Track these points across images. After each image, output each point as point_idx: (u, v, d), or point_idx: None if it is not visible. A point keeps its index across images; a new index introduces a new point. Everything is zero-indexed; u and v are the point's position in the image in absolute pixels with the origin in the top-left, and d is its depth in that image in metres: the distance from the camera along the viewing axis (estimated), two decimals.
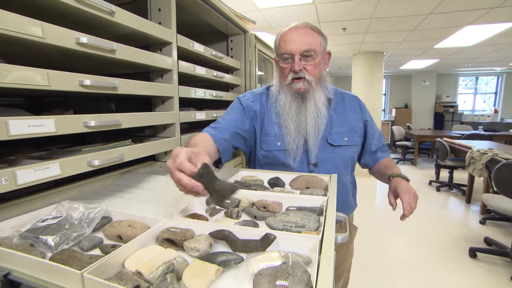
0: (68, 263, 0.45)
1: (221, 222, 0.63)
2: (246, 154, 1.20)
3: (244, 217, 0.69)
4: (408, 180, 1.02)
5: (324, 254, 0.47)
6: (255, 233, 0.54)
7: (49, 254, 0.50)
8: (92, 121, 0.74)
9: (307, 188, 0.89)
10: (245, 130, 1.07)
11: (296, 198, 0.75)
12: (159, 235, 0.55)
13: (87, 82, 0.73)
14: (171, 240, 0.53)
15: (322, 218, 0.66)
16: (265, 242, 0.51)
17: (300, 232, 0.56)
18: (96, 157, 0.77)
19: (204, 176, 0.50)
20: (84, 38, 0.71)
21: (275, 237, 0.51)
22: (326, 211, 0.66)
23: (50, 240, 0.51)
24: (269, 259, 0.47)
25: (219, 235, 0.54)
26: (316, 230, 0.59)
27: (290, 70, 0.99)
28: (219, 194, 0.52)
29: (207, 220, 0.65)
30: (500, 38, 4.34)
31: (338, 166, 1.08)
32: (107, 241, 0.58)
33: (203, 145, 0.86)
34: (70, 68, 0.76)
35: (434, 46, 4.95)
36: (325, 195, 0.81)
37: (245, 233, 0.55)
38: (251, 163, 1.19)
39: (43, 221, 0.58)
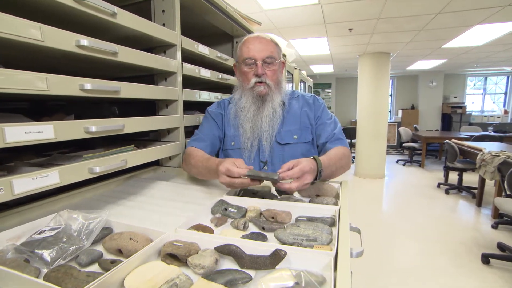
0: (63, 282, 0.41)
1: (227, 234, 0.59)
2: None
3: (252, 227, 0.66)
4: (318, 167, 0.86)
5: (340, 273, 0.43)
6: (264, 248, 0.51)
7: (45, 270, 0.47)
8: (93, 127, 0.71)
9: (317, 195, 0.85)
10: (218, 134, 1.20)
11: (306, 207, 0.71)
12: (162, 249, 0.51)
13: (88, 86, 0.70)
14: (175, 255, 0.50)
15: (334, 230, 0.62)
16: (275, 258, 0.47)
17: (312, 247, 0.52)
18: (97, 164, 0.74)
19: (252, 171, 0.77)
20: (85, 40, 0.68)
21: (285, 254, 0.48)
22: (339, 222, 0.62)
23: (46, 254, 0.48)
24: (280, 278, 0.43)
25: (225, 250, 0.50)
26: (329, 244, 0.55)
27: (253, 74, 1.08)
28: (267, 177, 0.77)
29: (212, 231, 0.61)
30: (511, 38, 4.23)
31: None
32: (106, 255, 0.55)
33: (210, 156, 1.06)
34: (72, 72, 0.73)
35: (442, 46, 4.85)
36: (336, 203, 0.77)
37: (253, 247, 0.51)
38: None
39: (40, 232, 0.55)
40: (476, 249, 2.72)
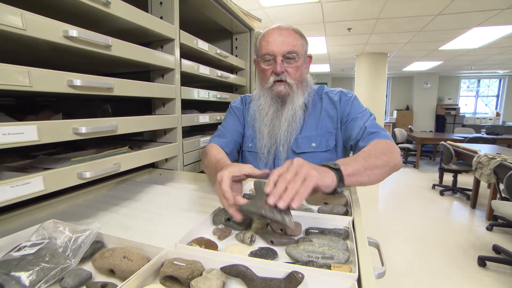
0: None
1: (233, 250, 0.53)
2: None
3: (259, 241, 0.60)
4: (335, 170, 0.64)
5: None
6: (277, 269, 0.45)
7: None
8: (83, 128, 0.64)
9: (325, 203, 0.79)
10: (240, 130, 1.13)
11: (316, 218, 0.65)
12: (161, 270, 0.45)
13: (77, 82, 0.63)
14: (175, 278, 0.43)
15: (349, 242, 0.57)
16: (291, 283, 0.42)
17: (329, 266, 0.47)
18: (87, 168, 0.67)
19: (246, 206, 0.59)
20: (74, 31, 0.61)
21: (303, 277, 0.42)
22: (355, 236, 0.56)
23: (25, 277, 0.42)
24: None
25: (233, 271, 0.44)
26: (346, 262, 0.50)
27: (272, 72, 0.96)
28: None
29: (216, 246, 0.55)
30: (507, 41, 4.26)
31: None
32: (96, 276, 0.48)
33: (223, 156, 0.94)
34: (61, 67, 0.66)
35: (439, 48, 4.87)
36: (346, 212, 0.71)
37: (264, 268, 0.45)
38: None
39: (19, 249, 0.48)
40: (472, 251, 2.73)
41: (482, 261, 2.48)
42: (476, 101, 8.97)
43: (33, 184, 0.56)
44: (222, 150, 1.02)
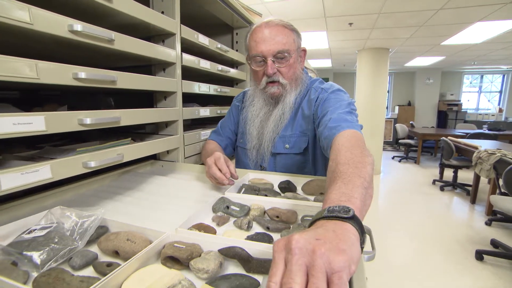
0: None
1: (231, 234, 0.56)
2: None
3: (256, 227, 0.63)
4: (347, 218, 0.38)
5: (356, 279, 0.41)
6: (271, 252, 0.47)
7: (34, 274, 0.43)
8: (87, 119, 0.67)
9: (321, 193, 0.82)
10: (233, 129, 1.18)
11: (312, 206, 0.68)
12: (162, 251, 0.48)
13: (82, 74, 0.65)
14: (176, 258, 0.46)
15: None
16: None
17: None
18: (92, 158, 0.70)
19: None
20: (78, 25, 0.63)
21: None
22: None
23: (36, 256, 0.45)
24: None
25: (230, 253, 0.47)
26: None
27: (263, 73, 0.92)
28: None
29: (214, 231, 0.58)
30: (510, 35, 4.23)
31: None
32: (102, 257, 0.51)
33: (218, 150, 1.05)
34: (65, 61, 0.68)
35: (442, 43, 4.83)
36: None
37: (259, 250, 0.48)
38: None
39: (30, 232, 0.51)
40: (470, 246, 2.75)
41: (479, 255, 2.51)
42: (479, 97, 8.91)
43: (41, 172, 0.58)
44: (218, 145, 1.13)
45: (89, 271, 0.46)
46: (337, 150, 0.62)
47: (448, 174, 4.81)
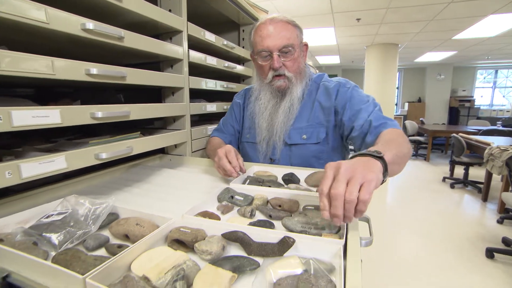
0: (71, 265, 0.41)
1: (234, 221, 0.59)
2: None
3: (259, 216, 0.65)
4: (379, 158, 0.54)
5: (350, 260, 0.43)
6: (272, 236, 0.50)
7: (53, 253, 0.47)
8: (99, 112, 0.71)
9: None
10: (236, 127, 1.21)
11: (313, 196, 0.70)
12: (168, 235, 0.51)
13: (94, 71, 0.69)
14: (181, 241, 0.49)
15: None
16: (283, 246, 0.47)
17: (320, 235, 0.52)
18: (103, 150, 0.74)
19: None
20: (91, 24, 0.67)
21: (294, 241, 0.47)
22: None
23: (54, 238, 0.48)
24: (288, 266, 0.42)
25: (232, 237, 0.50)
26: (338, 233, 0.55)
27: (270, 67, 0.96)
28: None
29: (219, 218, 0.61)
30: None
31: (295, 166, 1.01)
32: (113, 240, 0.55)
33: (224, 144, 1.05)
34: (78, 57, 0.72)
35: (453, 38, 4.73)
36: None
37: (260, 235, 0.51)
38: None
39: (48, 216, 0.55)
40: (481, 243, 2.71)
41: (490, 253, 2.47)
42: (493, 92, 8.67)
43: (57, 162, 0.62)
44: (222, 140, 1.16)
45: (102, 252, 0.50)
46: (383, 135, 0.81)
47: (459, 171, 4.73)
